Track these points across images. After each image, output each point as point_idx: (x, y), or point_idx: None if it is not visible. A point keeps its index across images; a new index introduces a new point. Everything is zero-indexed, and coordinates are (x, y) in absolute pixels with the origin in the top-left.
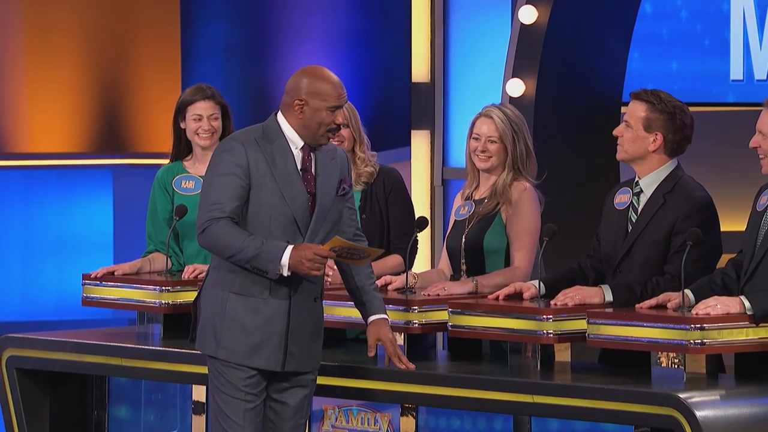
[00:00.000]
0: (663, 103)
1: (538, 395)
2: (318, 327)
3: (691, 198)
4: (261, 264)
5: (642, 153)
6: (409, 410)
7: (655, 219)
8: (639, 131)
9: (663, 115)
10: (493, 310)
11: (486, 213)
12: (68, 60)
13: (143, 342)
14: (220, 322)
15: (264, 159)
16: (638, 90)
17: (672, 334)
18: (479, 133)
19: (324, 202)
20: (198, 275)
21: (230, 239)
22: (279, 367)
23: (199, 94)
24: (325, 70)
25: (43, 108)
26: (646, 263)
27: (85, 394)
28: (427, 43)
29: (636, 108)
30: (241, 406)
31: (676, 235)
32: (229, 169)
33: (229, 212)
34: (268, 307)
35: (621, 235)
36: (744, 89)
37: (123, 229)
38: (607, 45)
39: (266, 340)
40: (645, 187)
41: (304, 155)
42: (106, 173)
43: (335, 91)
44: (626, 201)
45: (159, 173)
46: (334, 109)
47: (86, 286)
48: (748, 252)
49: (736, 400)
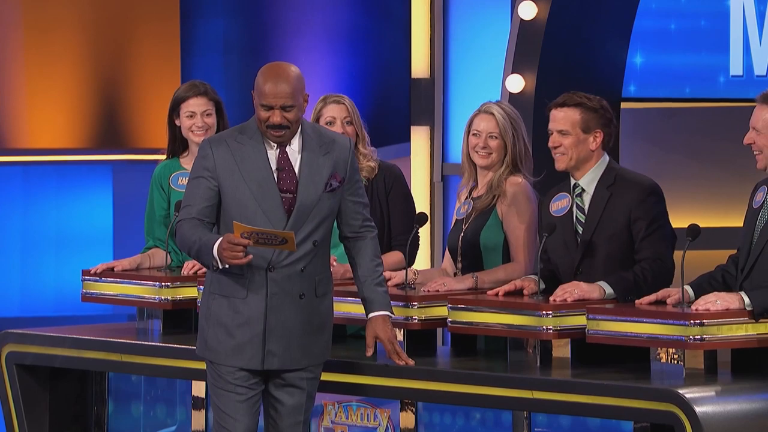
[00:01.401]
0: (591, 101)
1: (538, 391)
2: (312, 324)
3: (638, 183)
4: (203, 259)
5: (586, 155)
6: (409, 406)
7: (607, 213)
8: (578, 135)
9: (596, 113)
10: (492, 305)
11: (482, 208)
12: (67, 55)
13: (143, 338)
14: (206, 323)
15: (232, 158)
16: (561, 97)
17: (671, 330)
18: (479, 130)
19: (305, 200)
20: (198, 271)
21: (186, 238)
22: (259, 366)
23: (192, 90)
24: (280, 68)
25: (42, 103)
26: (609, 258)
27: (85, 390)
28: (427, 39)
29: (567, 114)
30: (233, 398)
31: (635, 222)
32: (198, 172)
33: (196, 214)
34: (247, 307)
35: (571, 238)
36: (743, 85)
37: (122, 225)
38: (607, 41)
39: (247, 340)
40: (586, 185)
41: (279, 153)
42: (106, 169)
43: (269, 89)
44: (566, 206)
45: (155, 171)
46: (266, 108)
47: (86, 282)
48: (745, 249)
49: (736, 395)
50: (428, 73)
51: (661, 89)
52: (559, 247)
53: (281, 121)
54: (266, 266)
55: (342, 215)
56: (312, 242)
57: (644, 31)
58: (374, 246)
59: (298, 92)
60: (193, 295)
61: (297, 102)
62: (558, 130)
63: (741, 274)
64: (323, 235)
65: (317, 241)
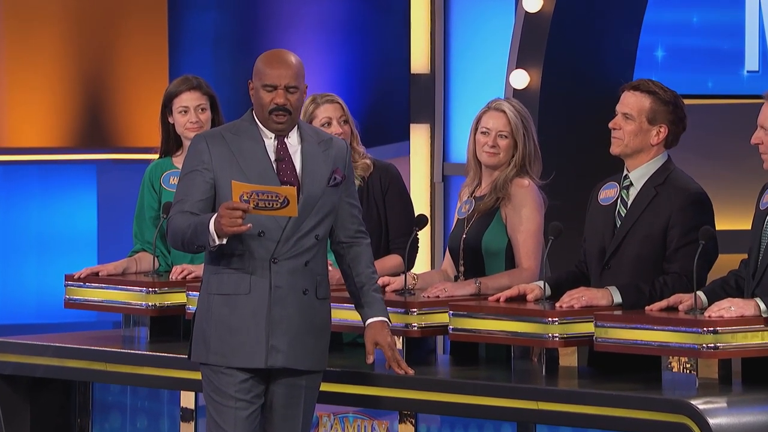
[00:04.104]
0: (666, 93)
1: (543, 402)
2: (314, 324)
3: (684, 190)
4: (198, 239)
5: (643, 146)
6: (408, 417)
7: (648, 212)
8: (643, 124)
9: (667, 107)
10: (496, 312)
11: (485, 209)
12: (50, 49)
13: (129, 346)
14: (207, 325)
15: (230, 152)
16: (637, 81)
17: (684, 338)
18: (488, 128)
19: (311, 192)
20: (187, 276)
21: (177, 228)
22: (262, 363)
23: (185, 84)
24: (282, 52)
25: (24, 100)
26: (639, 259)
27: (68, 401)
28: (427, 32)
29: (638, 99)
30: (233, 414)
31: (671, 229)
32: (192, 166)
33: (188, 208)
34: (251, 303)
35: (609, 231)
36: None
37: (107, 228)
38: (617, 33)
39: (250, 337)
40: (635, 180)
41: (278, 144)
42: (90, 169)
43: (271, 69)
44: (613, 196)
45: (147, 170)
46: (269, 88)
47: (69, 288)
48: (753, 254)
49: (751, 407)
50: (428, 68)
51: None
52: (596, 238)
53: (285, 102)
54: (269, 258)
55: (338, 218)
56: (314, 236)
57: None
58: (370, 253)
59: (300, 77)
60: (181, 302)
61: (300, 86)
62: (623, 112)
63: (753, 280)
64: (324, 231)
65: (319, 235)
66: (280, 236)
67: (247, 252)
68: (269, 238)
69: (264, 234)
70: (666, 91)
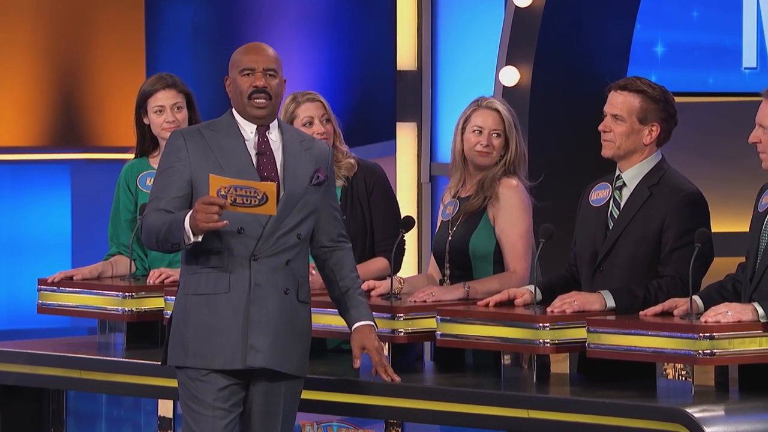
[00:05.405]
0: (655, 90)
1: (534, 410)
2: (295, 327)
3: (679, 190)
4: (173, 237)
5: (636, 147)
6: (395, 426)
7: (641, 213)
8: (634, 124)
9: (657, 104)
10: (485, 317)
11: (472, 210)
12: (22, 44)
13: (104, 353)
14: (185, 327)
15: (208, 147)
16: (624, 80)
17: (679, 344)
18: (482, 126)
19: (293, 189)
20: (165, 280)
21: (151, 225)
22: (241, 364)
23: (159, 83)
24: (253, 43)
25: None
26: (633, 261)
27: (41, 410)
28: (414, 27)
29: (627, 99)
30: (210, 423)
31: (666, 230)
32: (168, 163)
33: (164, 206)
34: (231, 301)
35: (601, 233)
36: (757, 78)
37: (82, 230)
38: (610, 29)
39: (231, 337)
40: (628, 180)
41: (259, 138)
42: (64, 169)
43: (247, 55)
44: (605, 197)
45: (122, 171)
46: (247, 71)
47: (42, 292)
48: (751, 257)
49: (748, 415)
50: (415, 64)
51: (675, 82)
52: (588, 241)
53: (265, 84)
54: (249, 255)
55: (321, 221)
56: (296, 235)
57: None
58: (352, 258)
59: (278, 64)
60: (159, 306)
61: (279, 72)
62: (613, 114)
63: (750, 284)
64: (306, 231)
65: (301, 234)
66: (260, 233)
67: (226, 250)
68: (249, 235)
69: (244, 231)
70: (655, 89)
